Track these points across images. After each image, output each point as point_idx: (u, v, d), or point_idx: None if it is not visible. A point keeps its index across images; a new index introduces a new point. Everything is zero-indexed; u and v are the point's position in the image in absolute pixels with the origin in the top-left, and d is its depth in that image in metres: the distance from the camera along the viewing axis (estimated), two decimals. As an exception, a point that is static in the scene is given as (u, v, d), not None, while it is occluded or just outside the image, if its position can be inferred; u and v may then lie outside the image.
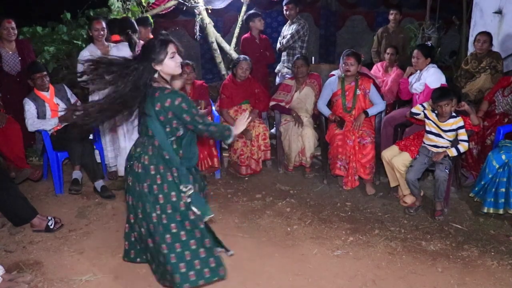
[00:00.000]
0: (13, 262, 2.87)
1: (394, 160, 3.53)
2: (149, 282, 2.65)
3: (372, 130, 4.05)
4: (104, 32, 4.00)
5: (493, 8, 5.04)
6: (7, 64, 4.25)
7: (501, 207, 3.31)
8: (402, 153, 3.56)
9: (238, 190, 4.03)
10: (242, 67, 4.28)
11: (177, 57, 2.31)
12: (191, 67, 4.12)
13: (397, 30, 5.83)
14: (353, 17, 9.21)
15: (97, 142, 4.13)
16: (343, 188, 3.97)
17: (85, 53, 3.97)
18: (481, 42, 4.32)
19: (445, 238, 3.14)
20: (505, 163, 3.27)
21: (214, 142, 4.06)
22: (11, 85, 4.26)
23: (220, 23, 7.95)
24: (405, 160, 3.52)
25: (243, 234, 3.22)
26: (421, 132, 3.63)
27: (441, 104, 3.27)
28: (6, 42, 4.23)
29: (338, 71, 4.39)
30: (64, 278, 2.70)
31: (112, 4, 4.80)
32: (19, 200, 3.19)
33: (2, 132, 3.77)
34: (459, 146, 3.36)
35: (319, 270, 2.76)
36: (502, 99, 3.86)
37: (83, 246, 3.07)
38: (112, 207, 3.69)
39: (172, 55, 2.27)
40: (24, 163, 3.92)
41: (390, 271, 2.75)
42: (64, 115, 3.92)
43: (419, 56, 3.98)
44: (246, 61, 4.31)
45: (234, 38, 5.99)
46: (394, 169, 3.55)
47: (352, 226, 3.33)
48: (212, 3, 5.54)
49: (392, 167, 3.58)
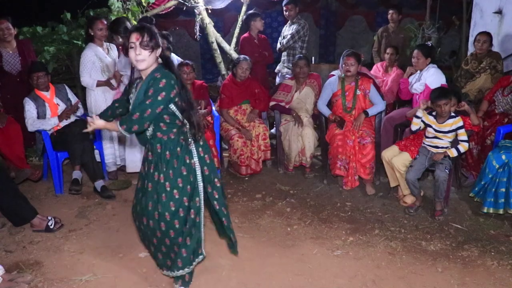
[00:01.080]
0: (13, 262, 2.87)
1: (394, 160, 3.53)
2: (149, 282, 2.65)
3: (372, 130, 4.05)
4: (106, 32, 4.01)
5: (493, 8, 5.04)
6: (7, 63, 4.25)
7: (501, 207, 3.31)
8: (402, 153, 3.56)
9: (238, 190, 4.03)
10: (242, 67, 4.29)
11: (139, 49, 2.16)
12: (190, 67, 4.12)
13: (397, 30, 5.84)
14: (353, 17, 9.22)
15: (97, 142, 4.14)
16: (343, 188, 3.97)
17: (89, 53, 3.99)
18: (481, 42, 4.32)
19: (445, 238, 3.14)
20: (505, 163, 3.27)
21: (214, 142, 4.07)
22: (11, 84, 4.27)
23: (220, 23, 7.96)
24: (405, 160, 3.51)
25: (243, 234, 3.22)
26: (421, 132, 3.63)
27: (440, 104, 3.28)
28: (5, 42, 4.23)
29: (338, 71, 4.40)
30: (64, 278, 2.69)
31: (112, 4, 4.80)
32: (19, 200, 3.19)
33: (2, 132, 3.77)
34: (459, 146, 3.36)
35: (319, 270, 2.76)
36: (502, 99, 3.86)
37: (83, 246, 3.07)
38: (112, 207, 3.69)
39: (132, 45, 2.16)
40: (24, 163, 3.92)
41: (390, 271, 2.75)
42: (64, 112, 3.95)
43: (419, 56, 3.97)
44: (246, 61, 4.31)
45: (234, 38, 5.99)
46: (394, 169, 3.55)
47: (352, 226, 3.33)
48: (212, 3, 5.53)
49: (392, 167, 3.58)
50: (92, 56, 3.99)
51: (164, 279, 2.66)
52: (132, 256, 2.94)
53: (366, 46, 8.30)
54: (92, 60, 3.99)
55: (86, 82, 4.03)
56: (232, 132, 4.25)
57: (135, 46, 2.16)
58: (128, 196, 3.89)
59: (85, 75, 4.01)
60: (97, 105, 4.07)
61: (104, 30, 4.01)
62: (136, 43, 2.16)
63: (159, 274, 2.71)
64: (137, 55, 2.18)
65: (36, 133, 4.07)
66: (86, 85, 4.07)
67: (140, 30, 2.17)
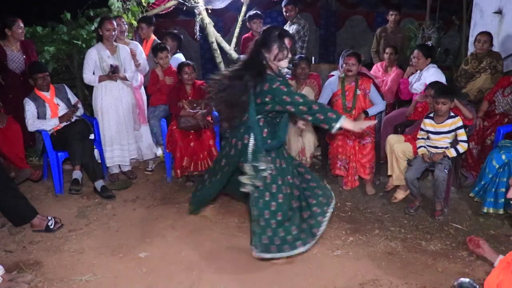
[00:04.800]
0: (13, 262, 2.87)
1: (396, 146, 3.60)
2: (149, 282, 2.65)
3: (372, 130, 4.05)
4: (115, 33, 3.99)
5: (493, 8, 5.04)
6: (12, 62, 4.26)
7: (501, 207, 3.31)
8: (406, 143, 3.62)
9: (238, 190, 4.03)
10: (242, 67, 4.28)
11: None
12: (191, 67, 4.12)
13: (396, 30, 5.84)
14: (353, 17, 9.20)
15: (97, 142, 4.14)
16: (343, 188, 3.97)
17: (92, 52, 3.98)
18: (481, 42, 4.32)
19: (445, 238, 3.14)
20: (505, 163, 3.27)
21: (214, 142, 4.07)
22: (15, 83, 4.27)
23: (220, 23, 7.94)
24: (406, 150, 3.57)
25: (243, 234, 3.22)
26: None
27: (439, 101, 3.30)
28: (12, 41, 4.25)
29: (337, 71, 4.39)
30: (64, 278, 2.69)
31: (112, 4, 4.80)
32: (19, 200, 3.19)
33: (2, 132, 3.77)
34: (458, 146, 3.37)
35: (319, 270, 2.76)
36: (502, 99, 3.86)
37: (83, 246, 3.07)
38: (112, 207, 3.69)
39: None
40: (24, 163, 3.92)
41: (390, 271, 2.75)
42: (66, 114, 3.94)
43: (419, 57, 3.98)
44: (246, 61, 4.30)
45: (234, 38, 5.99)
46: (393, 154, 3.57)
47: (352, 226, 3.33)
48: (212, 3, 5.53)
49: (392, 152, 3.62)
50: (95, 55, 3.97)
51: (163, 279, 2.66)
52: (132, 256, 2.94)
53: (366, 46, 8.27)
54: (94, 59, 3.98)
55: (89, 79, 4.02)
56: (232, 132, 4.25)
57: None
58: (128, 196, 3.89)
59: (87, 71, 4.00)
60: (103, 104, 4.05)
61: (112, 31, 3.94)
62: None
63: (159, 274, 2.72)
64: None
65: (36, 133, 4.07)
66: (89, 82, 4.05)
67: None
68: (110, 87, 4.05)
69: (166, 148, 4.17)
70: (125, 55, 4.12)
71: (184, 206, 3.69)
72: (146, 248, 3.04)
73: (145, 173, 4.44)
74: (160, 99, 4.42)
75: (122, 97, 4.11)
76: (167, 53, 4.37)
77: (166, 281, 2.66)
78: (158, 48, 4.35)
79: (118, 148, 4.16)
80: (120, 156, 4.18)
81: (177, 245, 3.08)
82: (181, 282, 2.65)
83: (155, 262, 2.86)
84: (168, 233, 3.25)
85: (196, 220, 3.46)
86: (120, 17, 4.37)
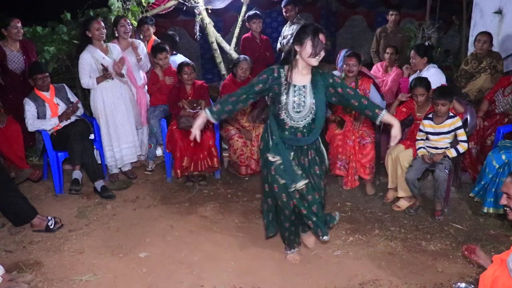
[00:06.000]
0: (13, 262, 2.87)
1: (400, 155, 3.57)
2: (149, 282, 2.65)
3: (372, 130, 4.04)
4: (104, 31, 3.97)
5: (493, 8, 5.04)
6: (12, 62, 4.26)
7: (501, 207, 3.30)
8: (407, 150, 3.61)
9: (238, 190, 4.03)
10: (242, 67, 4.28)
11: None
12: (191, 67, 4.12)
13: (396, 30, 5.84)
14: (353, 17, 9.21)
15: (97, 142, 4.14)
16: (343, 188, 3.97)
17: (86, 55, 3.93)
18: (481, 42, 4.32)
19: (445, 238, 3.14)
20: (505, 163, 3.27)
21: (214, 142, 4.07)
22: (14, 83, 4.27)
23: (220, 23, 7.95)
24: (409, 157, 3.56)
25: (243, 234, 3.22)
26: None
27: (438, 103, 3.31)
28: (11, 42, 4.24)
29: (337, 71, 4.39)
30: (64, 278, 2.70)
31: (112, 4, 4.80)
32: (19, 200, 3.19)
33: (2, 132, 3.77)
34: (458, 146, 3.37)
35: (319, 270, 2.77)
36: (502, 99, 3.86)
37: (83, 246, 3.08)
38: (112, 207, 3.69)
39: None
40: (24, 163, 3.92)
41: (390, 271, 2.75)
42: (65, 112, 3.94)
43: (415, 56, 4.01)
44: (246, 61, 4.30)
45: (234, 38, 5.98)
46: (398, 165, 3.56)
47: (352, 226, 3.33)
48: (212, 3, 5.53)
49: (397, 163, 3.59)
50: (89, 59, 3.92)
51: (163, 279, 2.66)
52: (132, 256, 2.94)
53: (366, 46, 8.27)
54: (90, 63, 3.93)
55: (87, 83, 3.99)
56: (232, 132, 4.26)
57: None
58: (128, 196, 3.89)
59: (84, 77, 3.96)
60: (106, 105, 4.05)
61: (101, 30, 3.92)
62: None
63: (159, 274, 2.72)
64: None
65: (36, 133, 4.07)
66: (88, 86, 4.02)
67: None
68: (110, 87, 4.05)
69: (166, 148, 4.17)
70: (117, 53, 4.11)
71: (184, 206, 3.69)
72: (146, 248, 3.04)
73: (145, 173, 4.44)
74: (160, 99, 4.42)
75: (123, 95, 4.12)
76: (166, 53, 4.37)
77: (166, 281, 2.66)
78: (157, 48, 4.34)
79: (123, 148, 4.18)
80: (122, 156, 4.21)
81: (177, 245, 3.09)
82: (181, 282, 2.65)
83: (155, 262, 2.86)
84: (168, 233, 3.26)
85: (196, 220, 3.46)
86: (126, 17, 4.36)
